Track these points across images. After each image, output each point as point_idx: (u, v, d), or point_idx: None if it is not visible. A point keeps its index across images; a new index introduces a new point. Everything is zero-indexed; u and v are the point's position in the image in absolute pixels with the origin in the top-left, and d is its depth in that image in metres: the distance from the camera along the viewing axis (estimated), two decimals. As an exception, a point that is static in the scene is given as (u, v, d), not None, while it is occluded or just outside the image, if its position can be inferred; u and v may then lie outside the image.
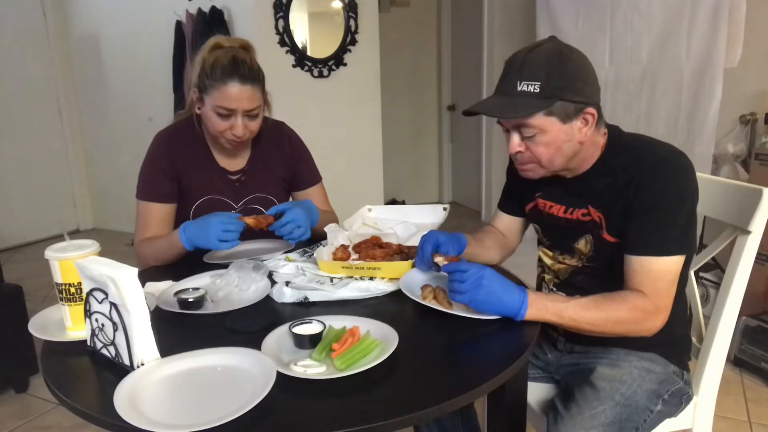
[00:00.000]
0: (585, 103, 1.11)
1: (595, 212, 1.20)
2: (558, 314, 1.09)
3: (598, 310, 1.10)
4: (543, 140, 1.12)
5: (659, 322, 1.12)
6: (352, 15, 3.62)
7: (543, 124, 1.10)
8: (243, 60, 1.49)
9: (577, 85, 1.10)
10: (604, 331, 1.12)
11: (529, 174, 1.21)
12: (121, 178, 2.55)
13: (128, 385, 0.88)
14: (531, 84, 1.09)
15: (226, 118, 1.49)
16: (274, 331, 1.05)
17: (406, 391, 0.92)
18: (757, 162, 2.46)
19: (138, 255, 1.58)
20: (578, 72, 1.11)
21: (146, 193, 1.59)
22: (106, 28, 4.26)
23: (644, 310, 1.10)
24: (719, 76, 2.62)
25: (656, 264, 1.10)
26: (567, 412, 1.15)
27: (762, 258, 2.34)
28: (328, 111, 3.66)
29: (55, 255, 1.05)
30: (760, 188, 1.20)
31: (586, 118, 1.13)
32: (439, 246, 1.24)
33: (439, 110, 5.26)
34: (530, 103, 1.09)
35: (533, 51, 1.11)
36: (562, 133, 1.12)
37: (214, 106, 1.49)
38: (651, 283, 1.11)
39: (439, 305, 1.13)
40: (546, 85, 1.08)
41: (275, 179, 1.70)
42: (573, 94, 1.09)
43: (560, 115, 1.10)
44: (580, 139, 1.14)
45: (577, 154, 1.17)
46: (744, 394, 2.19)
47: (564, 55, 1.10)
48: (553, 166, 1.17)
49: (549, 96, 1.08)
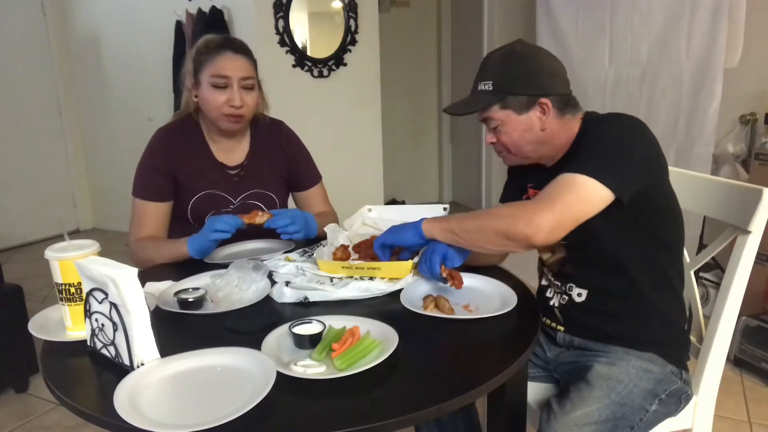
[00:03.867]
0: (537, 94, 1.21)
1: None
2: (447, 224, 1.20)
3: (480, 212, 1.22)
4: (505, 130, 1.24)
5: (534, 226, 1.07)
6: (352, 15, 3.62)
7: (501, 117, 1.23)
8: (234, 38, 1.58)
9: (527, 80, 1.21)
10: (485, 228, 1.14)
11: (505, 161, 1.33)
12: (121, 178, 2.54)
13: (128, 385, 0.88)
14: (485, 83, 1.24)
15: (222, 89, 1.52)
16: (274, 331, 1.05)
17: (406, 391, 0.92)
18: (757, 162, 2.47)
19: (134, 254, 1.58)
20: (530, 68, 1.22)
21: (142, 191, 1.59)
22: (106, 28, 4.26)
23: (523, 207, 1.13)
24: (719, 76, 2.62)
25: (565, 178, 1.11)
26: (561, 409, 1.15)
27: (762, 258, 2.34)
28: (328, 111, 3.65)
29: (55, 255, 1.05)
30: (760, 188, 1.20)
31: (543, 108, 1.22)
32: (446, 257, 1.25)
33: (439, 110, 5.26)
34: (484, 99, 1.23)
35: (492, 54, 1.26)
36: (521, 123, 1.23)
37: (210, 77, 1.52)
38: (548, 191, 1.12)
39: (441, 313, 1.13)
40: (497, 82, 1.22)
41: (274, 174, 1.70)
42: (524, 88, 1.21)
43: (515, 107, 1.22)
44: (541, 127, 1.23)
45: (547, 142, 1.25)
46: (744, 394, 2.19)
47: (516, 54, 1.23)
48: (522, 152, 1.27)
49: (499, 92, 1.22)
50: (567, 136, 1.25)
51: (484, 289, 1.27)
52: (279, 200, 1.71)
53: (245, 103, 1.55)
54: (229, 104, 1.53)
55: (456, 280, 1.20)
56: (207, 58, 1.53)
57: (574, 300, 1.28)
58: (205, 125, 1.64)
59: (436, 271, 1.22)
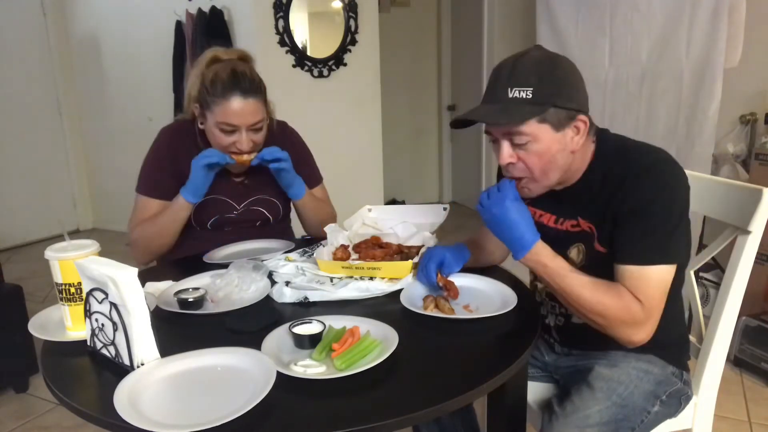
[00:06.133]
0: (577, 110, 1.09)
1: (584, 223, 1.18)
2: (551, 277, 1.08)
3: (592, 293, 1.07)
4: (535, 149, 1.09)
5: (644, 334, 1.08)
6: (352, 15, 3.62)
7: (536, 132, 1.07)
8: (243, 72, 1.48)
9: (569, 92, 1.08)
10: (587, 316, 1.10)
11: (524, 194, 1.16)
12: (121, 179, 2.55)
13: (128, 385, 0.88)
14: (523, 90, 1.06)
15: (230, 133, 1.49)
16: (274, 331, 1.05)
17: (406, 391, 0.92)
18: (757, 162, 2.46)
19: (135, 241, 1.58)
20: (569, 79, 1.10)
21: (146, 188, 1.59)
22: (106, 28, 4.26)
23: (634, 315, 1.06)
24: (719, 76, 2.62)
25: (645, 272, 1.07)
26: (562, 411, 1.15)
27: (762, 258, 2.34)
28: (328, 111, 3.65)
29: (55, 255, 1.05)
30: (760, 188, 1.20)
31: (578, 126, 1.10)
32: (444, 263, 1.24)
33: (439, 110, 5.26)
34: (523, 109, 1.06)
35: (522, 58, 1.09)
36: (555, 142, 1.09)
37: (217, 123, 1.48)
38: (643, 289, 1.07)
39: (441, 313, 1.13)
40: (538, 90, 1.05)
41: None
42: (566, 101, 1.07)
43: (553, 123, 1.07)
44: (572, 149, 1.11)
45: (570, 166, 1.15)
46: (744, 394, 2.19)
47: (554, 62, 1.09)
48: (547, 179, 1.14)
49: (542, 102, 1.06)
50: (583, 158, 1.16)
51: (484, 289, 1.27)
52: (282, 206, 1.71)
53: (253, 144, 1.53)
54: (237, 146, 1.51)
55: (452, 291, 1.21)
56: (214, 100, 1.46)
57: (572, 321, 1.27)
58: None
59: (432, 279, 1.22)
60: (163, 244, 1.57)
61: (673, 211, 1.08)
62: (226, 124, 1.48)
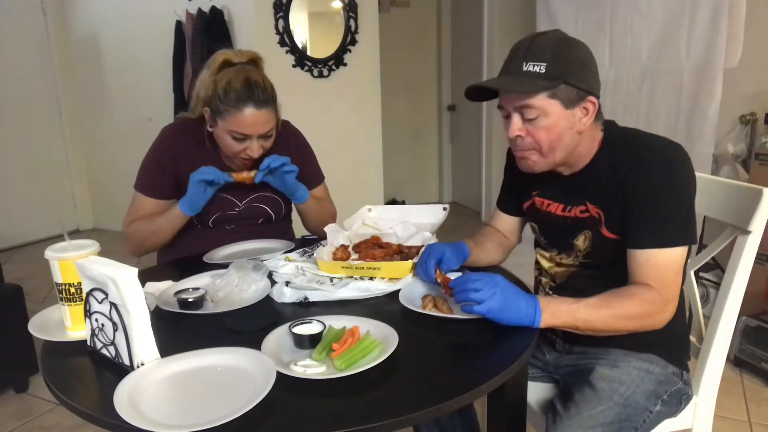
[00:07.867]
0: (587, 91, 1.13)
1: (593, 208, 1.20)
2: (572, 316, 1.08)
3: (609, 308, 1.09)
4: (544, 124, 1.12)
5: (668, 314, 1.13)
6: (352, 15, 3.62)
7: (545, 106, 1.11)
8: (256, 83, 1.48)
9: (582, 72, 1.12)
10: (618, 329, 1.11)
11: (528, 164, 1.19)
12: (121, 179, 2.54)
13: (128, 385, 0.88)
14: (537, 65, 1.10)
15: (241, 141, 1.50)
16: (274, 331, 1.05)
17: (406, 391, 0.92)
18: (757, 162, 2.46)
19: (129, 236, 1.60)
20: (582, 60, 1.13)
21: (143, 187, 1.60)
22: (106, 28, 4.25)
23: (654, 303, 1.10)
24: (719, 76, 2.62)
25: (660, 256, 1.11)
26: (566, 413, 1.15)
27: (762, 258, 2.34)
28: (328, 111, 3.65)
29: (55, 255, 1.05)
30: (760, 188, 1.20)
31: (587, 107, 1.14)
32: (442, 260, 1.24)
33: (439, 110, 5.26)
34: (535, 82, 1.10)
35: (540, 36, 1.14)
36: (563, 119, 1.12)
37: (229, 131, 1.49)
38: (657, 275, 1.11)
39: (440, 312, 1.13)
40: (552, 66, 1.09)
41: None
42: (577, 80, 1.11)
43: (563, 99, 1.11)
44: (579, 129, 1.15)
45: (576, 147, 1.17)
46: (744, 394, 2.19)
47: (571, 43, 1.13)
48: (553, 155, 1.16)
49: (554, 77, 1.09)
50: (591, 145, 1.19)
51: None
52: (284, 204, 1.71)
53: (263, 150, 1.55)
54: (247, 152, 1.52)
55: (449, 291, 1.21)
56: (227, 109, 1.46)
57: None
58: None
59: (431, 275, 1.23)
60: (157, 242, 1.60)
61: (683, 193, 1.12)
62: (238, 133, 1.49)
